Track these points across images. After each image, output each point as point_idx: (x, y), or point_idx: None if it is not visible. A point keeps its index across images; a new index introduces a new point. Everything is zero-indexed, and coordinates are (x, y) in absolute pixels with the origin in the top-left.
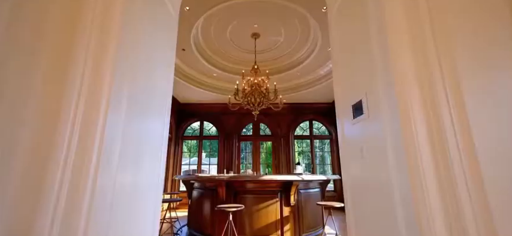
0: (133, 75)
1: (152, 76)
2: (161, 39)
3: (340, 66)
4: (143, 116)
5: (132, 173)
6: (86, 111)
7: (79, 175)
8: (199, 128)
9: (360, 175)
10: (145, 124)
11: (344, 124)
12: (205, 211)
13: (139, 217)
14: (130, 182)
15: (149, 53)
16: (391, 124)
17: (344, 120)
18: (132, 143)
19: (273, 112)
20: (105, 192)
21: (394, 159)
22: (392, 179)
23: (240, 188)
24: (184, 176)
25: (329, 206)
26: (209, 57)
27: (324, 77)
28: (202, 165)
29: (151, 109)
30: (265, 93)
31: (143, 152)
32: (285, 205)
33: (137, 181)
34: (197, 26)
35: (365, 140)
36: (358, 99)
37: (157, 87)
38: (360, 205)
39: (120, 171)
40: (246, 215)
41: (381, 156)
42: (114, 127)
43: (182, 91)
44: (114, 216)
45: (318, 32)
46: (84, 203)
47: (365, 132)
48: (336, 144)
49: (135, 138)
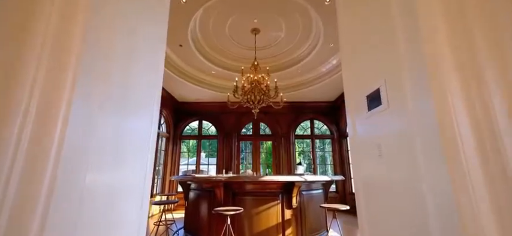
0: (107, 65)
1: (135, 67)
2: (147, 24)
3: (351, 52)
4: (123, 112)
5: (109, 173)
6: (40, 106)
7: (32, 174)
8: (198, 127)
9: (376, 175)
10: (126, 121)
11: (356, 118)
12: (202, 213)
13: (120, 219)
14: (107, 183)
15: (131, 40)
16: (420, 114)
17: (356, 114)
18: (108, 141)
19: (273, 111)
20: (69, 192)
21: (425, 158)
22: (424, 182)
23: (239, 189)
24: (180, 177)
25: (333, 208)
26: (207, 53)
27: (325, 75)
28: (201, 165)
29: (134, 104)
30: (265, 91)
31: (124, 150)
32: (286, 208)
33: (117, 182)
34: (195, 19)
35: (384, 135)
36: (374, 87)
37: (143, 80)
38: (376, 209)
39: (91, 170)
40: (246, 218)
41: (406, 154)
42: (79, 123)
43: (180, 89)
44: (83, 217)
45: (320, 27)
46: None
47: (384, 126)
48: (338, 143)
49: (112, 136)
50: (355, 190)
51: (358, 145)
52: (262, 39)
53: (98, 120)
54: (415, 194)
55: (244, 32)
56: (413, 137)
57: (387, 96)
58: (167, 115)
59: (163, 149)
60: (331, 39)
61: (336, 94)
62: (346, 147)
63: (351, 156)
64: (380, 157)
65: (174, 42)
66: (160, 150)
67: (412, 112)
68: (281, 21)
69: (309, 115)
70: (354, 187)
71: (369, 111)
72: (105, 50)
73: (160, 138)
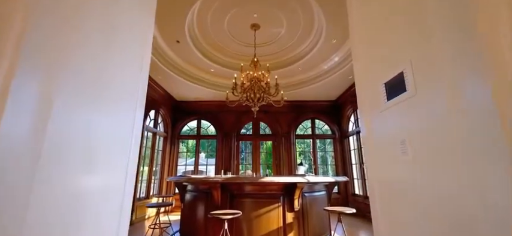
0: (73, 53)
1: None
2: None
3: (364, 38)
4: (96, 106)
5: (76, 174)
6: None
7: None
8: (197, 127)
9: (399, 177)
10: (100, 117)
11: (370, 111)
12: (199, 216)
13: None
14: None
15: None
16: (467, 100)
17: (370, 106)
18: (74, 138)
19: (273, 110)
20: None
21: (474, 157)
22: (472, 189)
23: (237, 191)
24: (176, 178)
25: (338, 211)
26: (206, 50)
27: (327, 73)
28: (200, 166)
29: (112, 98)
30: (265, 88)
31: (98, 149)
32: (288, 211)
33: (86, 183)
34: (192, 12)
35: (409, 128)
36: (395, 72)
37: (125, 72)
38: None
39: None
40: (244, 221)
41: (443, 151)
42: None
43: (178, 87)
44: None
45: (323, 22)
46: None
47: (410, 117)
48: (340, 143)
49: (82, 133)
50: (370, 195)
51: (374, 142)
52: (262, 35)
53: (59, 114)
54: (458, 204)
55: (243, 28)
56: (453, 127)
57: (414, 80)
58: (165, 115)
59: (161, 149)
60: (333, 35)
61: (338, 93)
62: (348, 147)
63: (365, 155)
64: (405, 155)
65: (170, 37)
66: (158, 150)
67: (451, 96)
68: (282, 16)
69: (310, 114)
70: (369, 191)
71: (388, 100)
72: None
73: (157, 138)
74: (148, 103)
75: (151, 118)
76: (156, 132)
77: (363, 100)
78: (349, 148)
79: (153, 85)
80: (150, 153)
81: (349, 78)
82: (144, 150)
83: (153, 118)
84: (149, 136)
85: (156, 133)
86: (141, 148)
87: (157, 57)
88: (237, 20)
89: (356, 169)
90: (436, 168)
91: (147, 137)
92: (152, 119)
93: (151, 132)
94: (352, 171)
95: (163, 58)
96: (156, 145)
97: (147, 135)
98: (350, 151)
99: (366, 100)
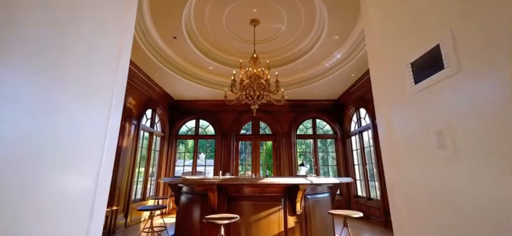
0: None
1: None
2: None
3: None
4: (55, 99)
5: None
6: None
7: None
8: (195, 127)
9: (434, 177)
10: (60, 112)
11: (391, 100)
12: (194, 220)
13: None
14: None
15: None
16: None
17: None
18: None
19: (273, 109)
20: None
21: None
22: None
23: (235, 193)
24: (169, 179)
25: (344, 215)
26: (204, 47)
27: (329, 70)
28: (199, 167)
29: (78, 89)
30: (265, 85)
31: (57, 149)
32: (289, 214)
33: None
34: (189, 4)
35: (450, 116)
36: (428, 46)
37: (95, 56)
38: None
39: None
40: (243, 226)
41: (497, 144)
42: None
43: (175, 86)
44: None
45: (325, 17)
46: None
47: (450, 101)
48: (342, 143)
49: (31, 129)
50: (390, 198)
51: (395, 137)
52: (262, 31)
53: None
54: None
55: (242, 24)
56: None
57: (456, 54)
58: (162, 114)
59: (158, 149)
60: (335, 31)
61: (340, 92)
62: (351, 147)
63: (383, 152)
64: (442, 149)
65: (167, 33)
66: (155, 151)
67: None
68: (282, 11)
69: (311, 113)
70: (389, 195)
71: (416, 83)
72: None
73: (154, 138)
74: (145, 102)
75: (148, 117)
76: (153, 132)
77: (380, 88)
78: (352, 149)
79: (149, 83)
80: (146, 154)
81: (351, 76)
82: (140, 150)
83: (150, 118)
84: (146, 136)
85: (152, 133)
86: (136, 148)
87: (153, 53)
88: (235, 15)
89: (359, 170)
90: (488, 165)
91: (144, 137)
92: (149, 118)
93: (147, 131)
94: (355, 172)
95: (159, 55)
96: (152, 145)
97: (143, 134)
98: (352, 152)
99: (385, 88)
